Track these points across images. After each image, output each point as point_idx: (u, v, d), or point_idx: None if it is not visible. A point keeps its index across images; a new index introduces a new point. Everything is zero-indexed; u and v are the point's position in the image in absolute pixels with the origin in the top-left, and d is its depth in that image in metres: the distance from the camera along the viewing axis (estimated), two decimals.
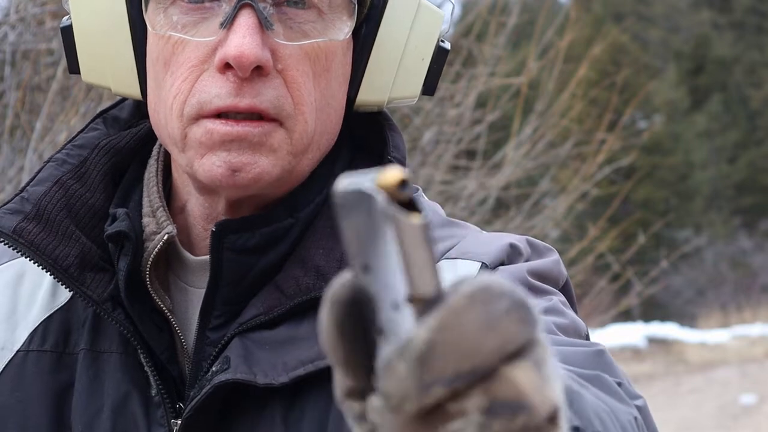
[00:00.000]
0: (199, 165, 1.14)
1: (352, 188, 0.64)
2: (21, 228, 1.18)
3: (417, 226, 0.64)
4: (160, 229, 1.19)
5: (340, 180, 0.65)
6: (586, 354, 1.06)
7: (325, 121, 1.18)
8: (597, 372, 1.02)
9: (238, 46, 1.10)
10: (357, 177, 0.65)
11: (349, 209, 0.65)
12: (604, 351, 1.08)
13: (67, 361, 1.21)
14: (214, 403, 1.13)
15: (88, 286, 1.18)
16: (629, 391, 1.04)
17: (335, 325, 0.65)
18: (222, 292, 1.16)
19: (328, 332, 0.65)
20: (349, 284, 0.65)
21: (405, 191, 0.64)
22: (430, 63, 1.24)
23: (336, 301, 0.65)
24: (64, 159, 1.24)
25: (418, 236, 0.64)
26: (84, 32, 1.22)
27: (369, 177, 0.64)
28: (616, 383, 1.02)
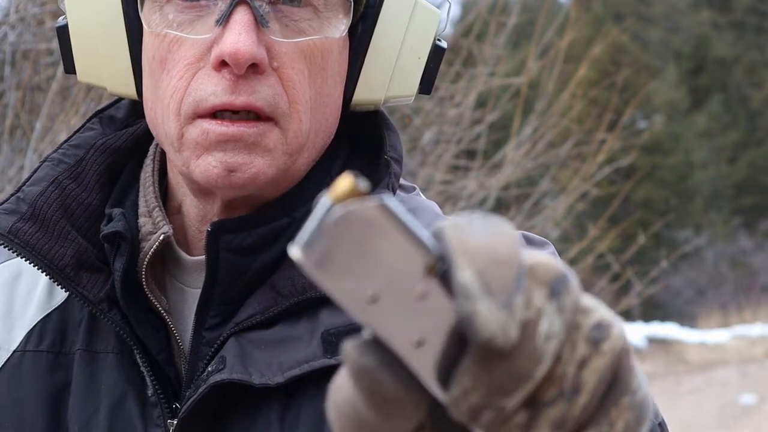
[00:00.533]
0: (195, 165, 1.13)
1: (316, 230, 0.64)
2: (17, 228, 1.18)
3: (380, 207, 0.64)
4: (156, 229, 1.19)
5: (294, 246, 0.65)
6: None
7: (320, 120, 1.18)
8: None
9: (234, 43, 1.10)
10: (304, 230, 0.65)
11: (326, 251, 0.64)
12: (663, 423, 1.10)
13: (63, 362, 1.21)
14: (210, 403, 1.13)
15: (84, 286, 1.18)
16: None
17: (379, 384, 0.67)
18: (218, 291, 1.16)
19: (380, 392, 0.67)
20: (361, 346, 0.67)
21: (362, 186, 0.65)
22: (426, 62, 1.23)
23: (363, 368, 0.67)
24: (60, 159, 1.24)
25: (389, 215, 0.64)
26: (79, 32, 1.21)
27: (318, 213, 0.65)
28: None
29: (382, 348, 0.66)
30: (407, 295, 0.65)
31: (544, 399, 0.67)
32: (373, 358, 0.66)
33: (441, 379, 0.66)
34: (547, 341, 0.66)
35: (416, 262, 0.65)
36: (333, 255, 0.64)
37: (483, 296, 0.64)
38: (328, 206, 0.64)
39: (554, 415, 0.67)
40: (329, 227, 0.64)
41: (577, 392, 0.67)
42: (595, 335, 0.67)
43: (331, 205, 0.64)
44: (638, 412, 0.68)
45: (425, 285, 0.65)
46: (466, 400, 0.66)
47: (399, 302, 0.65)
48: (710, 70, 31.09)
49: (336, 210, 0.64)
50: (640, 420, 0.69)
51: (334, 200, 0.64)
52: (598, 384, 0.67)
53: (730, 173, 29.80)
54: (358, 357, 0.67)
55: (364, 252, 0.64)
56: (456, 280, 0.64)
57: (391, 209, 0.65)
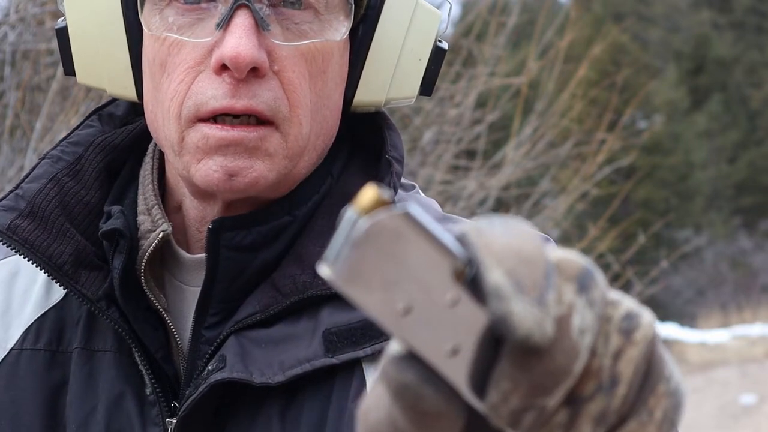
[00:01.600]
0: (196, 170, 1.13)
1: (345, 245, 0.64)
2: (15, 225, 1.18)
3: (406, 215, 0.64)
4: (155, 227, 1.18)
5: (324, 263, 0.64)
6: None
7: (321, 123, 1.17)
8: None
9: (234, 47, 1.10)
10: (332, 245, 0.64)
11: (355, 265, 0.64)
12: None
13: (60, 360, 1.21)
14: (210, 402, 1.13)
15: (83, 284, 1.17)
16: None
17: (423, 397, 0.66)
18: (218, 289, 1.16)
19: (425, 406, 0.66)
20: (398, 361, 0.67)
21: (386, 196, 0.64)
22: (427, 63, 1.23)
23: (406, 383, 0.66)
24: (59, 156, 1.24)
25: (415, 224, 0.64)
26: (79, 34, 1.21)
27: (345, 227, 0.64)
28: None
29: (418, 362, 0.65)
30: (438, 303, 0.64)
31: (584, 394, 0.67)
32: (413, 373, 0.65)
33: (476, 386, 0.65)
34: (581, 335, 0.66)
35: (444, 268, 0.64)
36: (363, 268, 0.63)
37: (516, 295, 0.64)
38: (354, 219, 0.63)
39: (595, 409, 0.67)
40: (357, 240, 0.63)
41: (615, 384, 0.67)
42: (626, 326, 0.67)
43: (357, 218, 0.63)
44: (675, 398, 0.69)
45: (455, 291, 0.64)
46: (506, 404, 0.66)
47: (430, 312, 0.64)
48: (710, 70, 31.09)
49: (363, 222, 0.63)
50: (677, 406, 0.69)
51: (360, 212, 0.63)
52: (635, 374, 0.67)
53: (730, 173, 29.80)
54: (397, 373, 0.66)
55: (393, 263, 0.63)
56: (487, 282, 0.64)
57: (416, 217, 0.64)
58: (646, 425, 0.67)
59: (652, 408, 0.68)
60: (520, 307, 0.64)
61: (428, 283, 0.64)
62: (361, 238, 0.63)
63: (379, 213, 0.63)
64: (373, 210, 0.63)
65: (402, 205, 0.64)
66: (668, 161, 25.94)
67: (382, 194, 0.64)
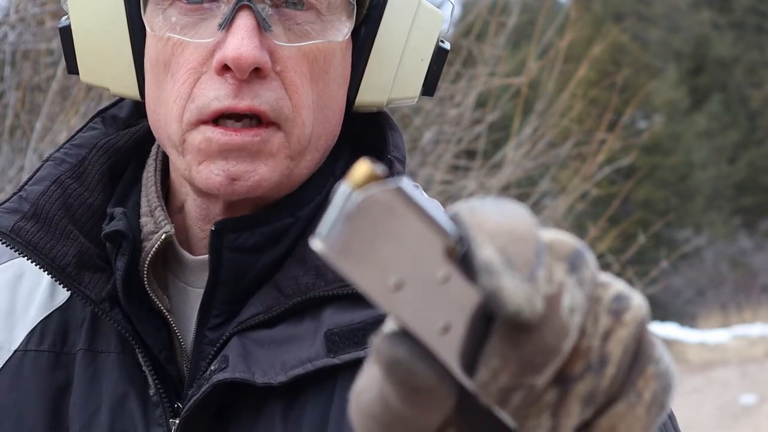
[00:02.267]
0: (197, 172, 1.14)
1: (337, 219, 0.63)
2: (19, 227, 1.18)
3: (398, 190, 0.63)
4: (158, 229, 1.19)
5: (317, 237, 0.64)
6: None
7: (323, 123, 1.18)
8: None
9: (236, 48, 1.10)
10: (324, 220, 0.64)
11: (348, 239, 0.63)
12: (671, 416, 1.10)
13: (64, 361, 1.21)
14: (213, 402, 1.13)
15: (86, 285, 1.18)
16: None
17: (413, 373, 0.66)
18: (221, 291, 1.16)
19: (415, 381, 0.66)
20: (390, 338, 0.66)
21: (379, 171, 0.64)
22: (429, 64, 1.23)
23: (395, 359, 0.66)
24: (63, 158, 1.24)
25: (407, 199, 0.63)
26: (82, 32, 1.21)
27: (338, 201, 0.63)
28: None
29: (411, 338, 0.65)
30: (430, 280, 0.64)
31: (573, 374, 0.67)
32: (404, 349, 0.65)
33: (466, 364, 0.65)
34: (571, 314, 0.65)
35: (436, 245, 0.64)
36: (355, 242, 0.63)
37: (506, 271, 0.64)
38: (348, 193, 0.63)
39: (584, 389, 0.67)
40: (350, 213, 0.63)
41: (604, 364, 0.67)
42: (616, 306, 0.67)
43: (351, 192, 0.63)
44: (664, 380, 0.68)
45: (446, 269, 0.64)
46: (495, 381, 0.65)
47: (422, 288, 0.64)
48: (710, 70, 31.09)
49: (355, 196, 0.63)
50: (667, 389, 0.68)
51: (353, 186, 0.63)
52: (624, 354, 0.67)
53: (730, 173, 29.80)
54: (389, 349, 0.66)
55: (385, 238, 0.63)
56: (478, 258, 0.64)
57: (408, 193, 0.64)
58: (635, 406, 0.67)
59: (641, 390, 0.67)
60: (510, 283, 0.63)
61: (420, 260, 0.64)
62: (354, 212, 0.63)
63: (371, 187, 0.63)
64: (366, 184, 0.63)
65: (394, 180, 0.64)
66: (668, 161, 25.95)
67: (375, 169, 0.63)
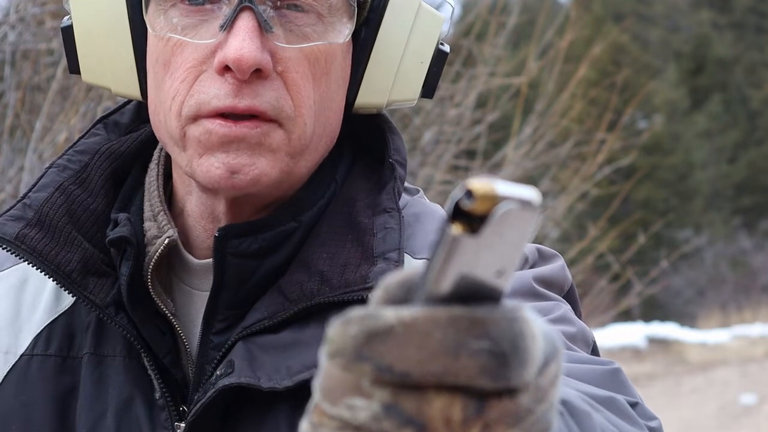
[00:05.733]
0: (198, 165, 1.14)
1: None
2: (23, 235, 1.19)
3: (449, 234, 0.64)
4: (162, 233, 1.19)
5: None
6: (600, 373, 1.07)
7: (323, 124, 1.18)
8: (611, 393, 1.02)
9: (238, 49, 1.10)
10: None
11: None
12: (619, 370, 1.09)
13: (70, 365, 1.21)
14: (218, 406, 1.14)
15: (91, 290, 1.18)
16: (644, 413, 1.04)
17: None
18: (225, 296, 1.17)
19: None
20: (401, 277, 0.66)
21: (466, 201, 0.63)
22: (429, 66, 1.24)
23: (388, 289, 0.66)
24: (66, 165, 1.24)
25: (448, 244, 0.64)
26: (84, 32, 1.22)
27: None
28: (631, 404, 1.03)
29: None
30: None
31: None
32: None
33: None
34: (348, 410, 0.65)
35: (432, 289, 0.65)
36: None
37: (363, 332, 0.63)
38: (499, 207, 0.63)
39: None
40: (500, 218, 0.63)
41: None
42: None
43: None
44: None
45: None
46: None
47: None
48: (710, 70, 31.09)
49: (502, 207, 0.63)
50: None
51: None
52: None
53: (730, 173, 29.80)
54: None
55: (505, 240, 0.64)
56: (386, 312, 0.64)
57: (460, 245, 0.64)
58: None
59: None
60: (348, 333, 0.64)
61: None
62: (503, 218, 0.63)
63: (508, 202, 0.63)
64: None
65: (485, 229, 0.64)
66: (668, 161, 25.95)
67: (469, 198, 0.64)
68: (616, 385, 1.06)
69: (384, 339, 0.63)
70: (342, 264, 1.15)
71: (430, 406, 0.63)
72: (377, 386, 0.64)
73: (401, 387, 0.63)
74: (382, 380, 0.63)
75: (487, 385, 0.63)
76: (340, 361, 0.64)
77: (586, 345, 1.15)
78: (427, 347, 0.62)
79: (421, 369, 0.62)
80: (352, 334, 0.64)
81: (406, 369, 0.63)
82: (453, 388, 0.63)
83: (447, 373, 0.62)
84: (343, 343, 0.64)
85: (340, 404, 0.65)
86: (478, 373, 0.62)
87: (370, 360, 0.63)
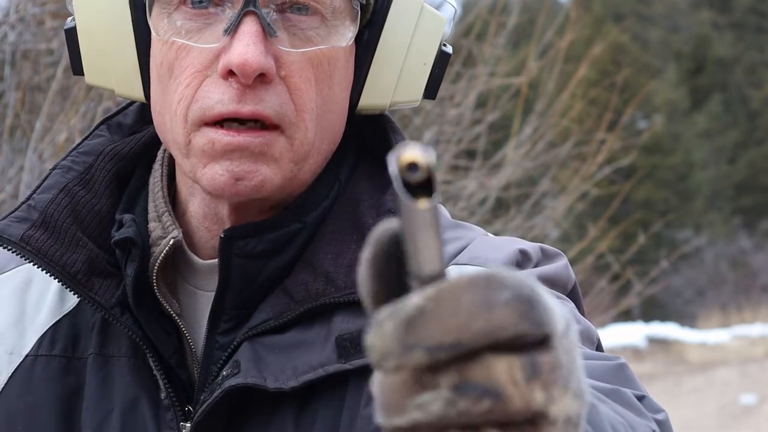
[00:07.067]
0: (202, 174, 1.14)
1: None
2: (28, 236, 1.19)
3: (421, 210, 0.65)
4: (166, 234, 1.19)
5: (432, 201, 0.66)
6: (606, 368, 1.08)
7: (326, 127, 1.18)
8: (617, 386, 1.03)
9: (242, 54, 1.10)
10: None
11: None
12: (625, 365, 1.10)
13: (76, 366, 1.22)
14: (224, 406, 1.14)
15: (96, 291, 1.18)
16: (651, 405, 1.05)
17: (370, 260, 0.68)
18: (231, 296, 1.17)
19: (363, 266, 0.68)
20: (391, 230, 0.68)
21: (413, 174, 0.65)
22: (432, 67, 1.24)
23: (376, 241, 0.68)
24: (70, 166, 1.25)
25: (423, 219, 0.66)
26: (87, 34, 1.22)
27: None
28: (637, 397, 1.03)
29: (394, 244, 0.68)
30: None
31: None
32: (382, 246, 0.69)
33: None
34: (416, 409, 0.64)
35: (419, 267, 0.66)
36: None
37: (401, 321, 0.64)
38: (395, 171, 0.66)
39: None
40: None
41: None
42: None
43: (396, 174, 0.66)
44: None
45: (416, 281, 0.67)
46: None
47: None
48: (710, 70, 31.10)
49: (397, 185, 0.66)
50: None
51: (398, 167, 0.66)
52: None
53: (730, 173, 29.82)
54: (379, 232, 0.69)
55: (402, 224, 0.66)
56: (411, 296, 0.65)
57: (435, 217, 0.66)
58: None
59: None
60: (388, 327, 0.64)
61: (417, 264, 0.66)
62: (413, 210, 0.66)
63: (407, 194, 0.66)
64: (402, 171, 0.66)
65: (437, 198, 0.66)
66: (668, 161, 25.96)
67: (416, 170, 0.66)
68: (622, 380, 1.07)
69: (420, 320, 0.63)
70: (347, 264, 1.15)
71: (495, 370, 0.64)
72: (437, 373, 0.64)
73: (459, 361, 0.64)
74: (438, 363, 0.64)
75: (530, 330, 0.64)
76: (391, 362, 0.64)
77: (591, 343, 1.15)
78: (461, 311, 0.63)
79: (467, 332, 0.63)
80: (389, 330, 0.64)
81: (455, 338, 0.63)
82: (506, 347, 0.64)
83: (491, 326, 0.63)
84: (385, 342, 0.64)
85: (408, 409, 0.64)
86: (517, 318, 0.64)
87: (418, 346, 0.63)
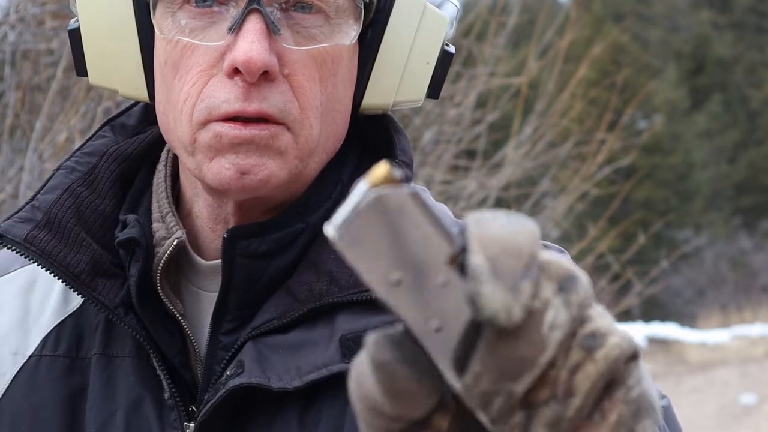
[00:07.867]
0: (208, 168, 1.14)
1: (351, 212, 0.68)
2: (32, 236, 1.19)
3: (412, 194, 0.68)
4: (170, 234, 1.20)
5: (330, 225, 0.69)
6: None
7: (330, 125, 1.18)
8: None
9: (246, 52, 1.10)
10: (340, 211, 0.69)
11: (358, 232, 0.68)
12: (669, 408, 1.12)
13: (80, 366, 1.22)
14: (228, 406, 1.14)
15: (100, 292, 1.19)
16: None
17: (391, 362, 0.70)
18: (234, 296, 1.17)
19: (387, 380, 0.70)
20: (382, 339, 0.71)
21: (397, 175, 0.68)
22: (434, 67, 1.24)
23: (380, 361, 0.71)
24: (74, 167, 1.25)
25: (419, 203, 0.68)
26: (91, 34, 1.22)
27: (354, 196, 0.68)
28: None
29: (398, 345, 0.70)
30: (430, 282, 0.69)
31: (538, 400, 0.70)
32: (390, 354, 0.70)
33: (458, 367, 0.69)
34: (551, 330, 0.69)
35: (441, 251, 0.69)
36: (365, 236, 0.68)
37: (489, 278, 0.67)
38: (365, 190, 0.68)
39: (549, 415, 0.70)
40: (363, 209, 0.68)
41: (569, 395, 0.70)
42: (589, 343, 0.70)
43: (367, 189, 0.68)
44: (634, 406, 0.71)
45: (447, 274, 0.69)
46: (477, 385, 0.69)
47: (422, 288, 0.69)
48: (710, 70, 31.10)
49: (371, 192, 0.68)
50: (637, 415, 0.71)
51: (370, 185, 0.68)
52: (592, 388, 0.70)
53: (730, 173, 29.82)
54: (376, 351, 0.71)
55: (394, 236, 0.68)
56: (468, 264, 0.68)
57: (421, 198, 0.68)
58: (599, 427, 0.70)
59: (606, 411, 0.71)
60: (489, 289, 0.67)
61: (424, 262, 0.69)
62: (367, 207, 0.68)
63: (387, 188, 0.68)
64: (383, 185, 0.68)
65: (413, 186, 0.68)
66: (668, 161, 25.97)
67: (394, 172, 0.69)
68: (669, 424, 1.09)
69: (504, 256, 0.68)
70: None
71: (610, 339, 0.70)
72: (539, 293, 0.70)
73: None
74: (538, 287, 0.70)
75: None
76: (516, 310, 0.68)
77: None
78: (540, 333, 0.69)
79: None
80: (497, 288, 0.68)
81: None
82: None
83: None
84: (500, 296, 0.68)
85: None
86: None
87: (519, 275, 0.68)
